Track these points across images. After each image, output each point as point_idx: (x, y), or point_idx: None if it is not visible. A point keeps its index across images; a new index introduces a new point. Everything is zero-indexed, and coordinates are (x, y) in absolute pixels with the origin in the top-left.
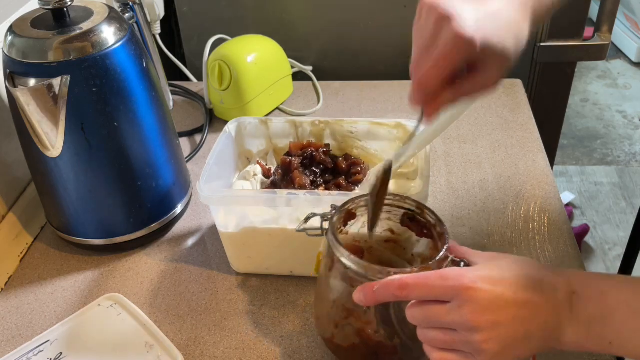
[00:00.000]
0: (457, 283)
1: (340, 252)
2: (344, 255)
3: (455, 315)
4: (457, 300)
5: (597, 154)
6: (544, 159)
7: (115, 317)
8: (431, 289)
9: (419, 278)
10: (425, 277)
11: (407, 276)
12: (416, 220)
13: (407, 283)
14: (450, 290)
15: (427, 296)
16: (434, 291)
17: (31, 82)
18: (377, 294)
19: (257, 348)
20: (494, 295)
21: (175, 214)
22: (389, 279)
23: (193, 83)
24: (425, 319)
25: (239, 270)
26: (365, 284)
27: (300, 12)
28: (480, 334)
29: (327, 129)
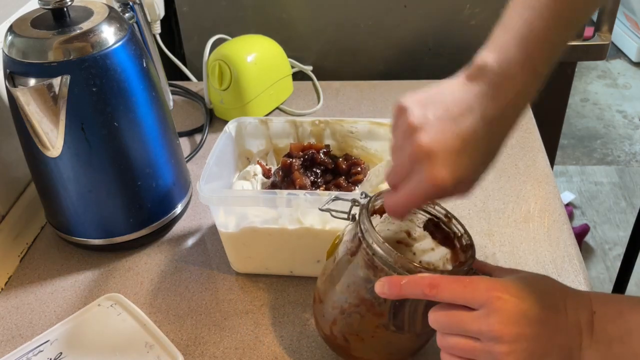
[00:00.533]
0: (489, 291)
1: (374, 238)
2: (378, 242)
3: (482, 324)
4: (486, 308)
5: (597, 154)
6: (544, 159)
7: (115, 317)
8: (461, 293)
9: (451, 280)
10: (457, 281)
11: (439, 276)
12: (440, 228)
13: (438, 283)
14: (481, 298)
15: (456, 299)
16: (464, 295)
17: (31, 82)
18: (403, 288)
19: (257, 348)
20: (522, 309)
21: (175, 214)
22: (420, 275)
23: (193, 83)
24: (450, 324)
25: (238, 270)
26: (392, 276)
27: (300, 12)
28: (504, 346)
29: (327, 128)
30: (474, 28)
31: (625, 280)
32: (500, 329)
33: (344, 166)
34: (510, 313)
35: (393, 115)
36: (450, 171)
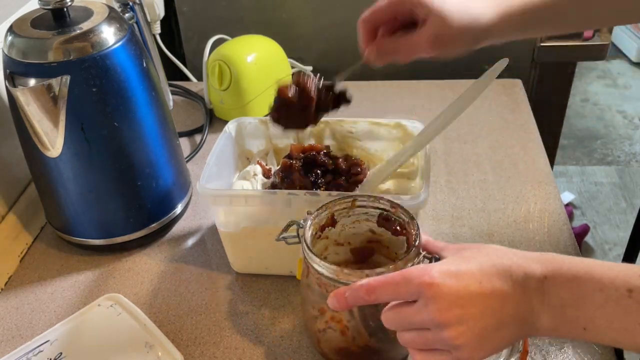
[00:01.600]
0: (420, 280)
1: (311, 258)
2: (315, 261)
3: (423, 314)
4: (423, 298)
5: (597, 154)
6: (544, 159)
7: (115, 317)
8: (396, 290)
9: (384, 280)
10: (390, 278)
11: (373, 279)
12: (391, 220)
13: (374, 286)
14: (415, 289)
15: (395, 297)
16: (400, 292)
17: (31, 82)
18: (348, 299)
19: (257, 348)
20: (458, 289)
21: (175, 214)
22: (357, 283)
23: (193, 83)
24: (398, 322)
25: (238, 270)
26: (337, 289)
27: (300, 12)
28: (450, 330)
29: (327, 128)
30: None
31: None
32: (441, 315)
33: (344, 166)
34: (447, 297)
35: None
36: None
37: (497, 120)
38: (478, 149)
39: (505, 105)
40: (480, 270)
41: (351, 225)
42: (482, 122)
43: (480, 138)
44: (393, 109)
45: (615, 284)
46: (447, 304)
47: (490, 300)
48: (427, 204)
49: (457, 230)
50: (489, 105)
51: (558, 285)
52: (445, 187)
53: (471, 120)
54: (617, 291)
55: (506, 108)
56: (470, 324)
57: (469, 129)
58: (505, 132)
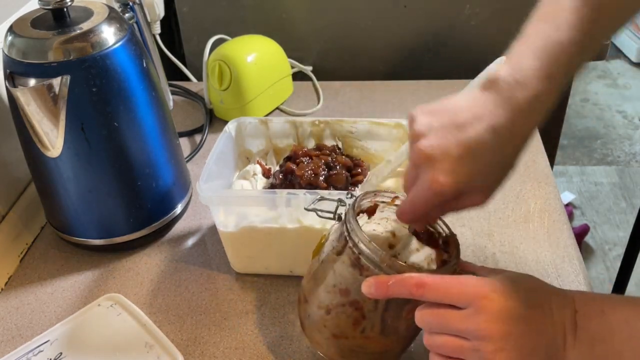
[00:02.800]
0: (476, 290)
1: (360, 237)
2: (364, 241)
3: (469, 322)
4: (473, 307)
5: (597, 154)
6: (544, 159)
7: (115, 317)
8: (449, 292)
9: (438, 279)
10: (444, 280)
11: (426, 275)
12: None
13: (426, 282)
14: (468, 297)
15: (443, 299)
16: (451, 295)
17: (31, 82)
18: (390, 288)
19: (257, 348)
20: (509, 307)
21: (175, 214)
22: (407, 275)
23: (193, 83)
24: (437, 323)
25: (238, 270)
26: (379, 275)
27: (300, 12)
28: (492, 344)
29: (327, 129)
30: (474, 28)
31: (625, 280)
32: (488, 327)
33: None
34: (497, 311)
35: (408, 126)
36: (450, 177)
37: None
38: None
39: None
40: (527, 295)
41: (377, 222)
42: None
43: None
44: (393, 109)
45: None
46: (496, 318)
47: (532, 325)
48: None
49: (457, 230)
50: None
51: (587, 320)
52: None
53: None
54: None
55: None
56: (511, 343)
57: None
58: None
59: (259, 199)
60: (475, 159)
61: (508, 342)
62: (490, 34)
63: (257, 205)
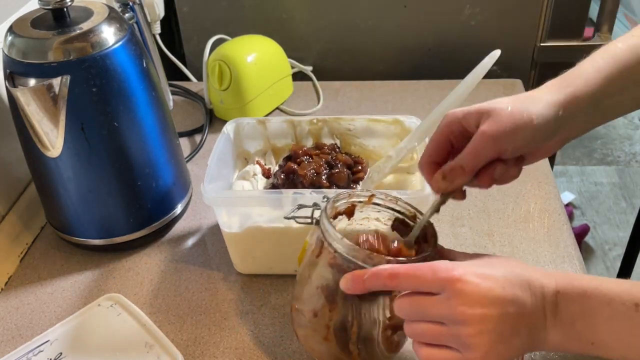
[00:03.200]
0: (448, 275)
1: (333, 236)
2: (336, 238)
3: (444, 307)
4: (447, 292)
5: (597, 154)
6: (544, 159)
7: (115, 317)
8: (421, 280)
9: (410, 268)
10: (416, 268)
11: (398, 266)
12: (406, 225)
13: (398, 273)
14: (441, 282)
15: (417, 287)
16: (424, 282)
17: (31, 82)
18: (366, 282)
19: (257, 348)
20: (483, 289)
21: (175, 214)
22: (380, 267)
23: (193, 83)
24: (414, 311)
25: (242, 271)
26: (354, 271)
27: (300, 12)
28: (469, 327)
29: (325, 127)
30: (474, 28)
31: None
32: (463, 311)
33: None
34: (472, 294)
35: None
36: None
37: None
38: None
39: None
40: (504, 277)
41: (359, 222)
42: None
43: None
44: (393, 109)
45: (623, 298)
46: (470, 301)
47: (511, 306)
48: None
49: (457, 230)
50: None
51: (569, 299)
52: None
53: None
54: (624, 305)
55: None
56: (488, 326)
57: None
58: None
59: (264, 199)
60: (530, 128)
61: (485, 324)
62: (490, 34)
63: (263, 206)
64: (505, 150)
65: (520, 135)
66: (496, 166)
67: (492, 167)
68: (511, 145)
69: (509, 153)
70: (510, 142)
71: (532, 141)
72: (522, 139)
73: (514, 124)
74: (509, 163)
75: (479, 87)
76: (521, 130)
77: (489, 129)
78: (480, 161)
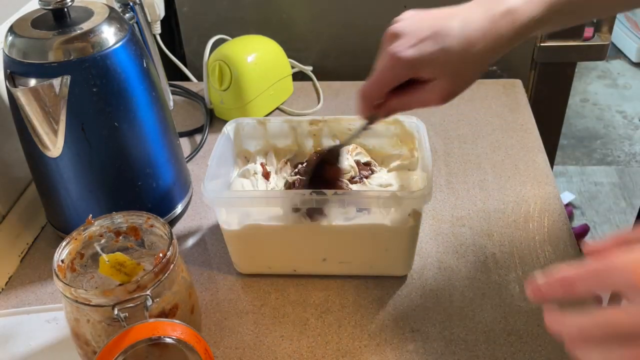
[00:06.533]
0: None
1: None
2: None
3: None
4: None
5: (597, 154)
6: (544, 159)
7: None
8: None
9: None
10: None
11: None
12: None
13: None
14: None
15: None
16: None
17: (31, 82)
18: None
19: (257, 348)
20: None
21: (175, 214)
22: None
23: (193, 83)
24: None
25: (242, 270)
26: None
27: (300, 12)
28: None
29: (325, 127)
30: None
31: None
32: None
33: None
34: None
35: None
36: (410, 50)
37: (497, 120)
38: (478, 149)
39: (505, 105)
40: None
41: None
42: (482, 122)
43: (480, 138)
44: None
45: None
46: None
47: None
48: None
49: (457, 230)
50: (488, 105)
51: None
52: (445, 187)
53: (471, 120)
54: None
55: (506, 108)
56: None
57: (469, 129)
58: (505, 132)
59: (264, 199)
60: (440, 43)
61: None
62: None
63: (263, 205)
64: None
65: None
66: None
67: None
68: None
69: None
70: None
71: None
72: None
73: (472, 76)
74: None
75: (479, 87)
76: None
77: (451, 89)
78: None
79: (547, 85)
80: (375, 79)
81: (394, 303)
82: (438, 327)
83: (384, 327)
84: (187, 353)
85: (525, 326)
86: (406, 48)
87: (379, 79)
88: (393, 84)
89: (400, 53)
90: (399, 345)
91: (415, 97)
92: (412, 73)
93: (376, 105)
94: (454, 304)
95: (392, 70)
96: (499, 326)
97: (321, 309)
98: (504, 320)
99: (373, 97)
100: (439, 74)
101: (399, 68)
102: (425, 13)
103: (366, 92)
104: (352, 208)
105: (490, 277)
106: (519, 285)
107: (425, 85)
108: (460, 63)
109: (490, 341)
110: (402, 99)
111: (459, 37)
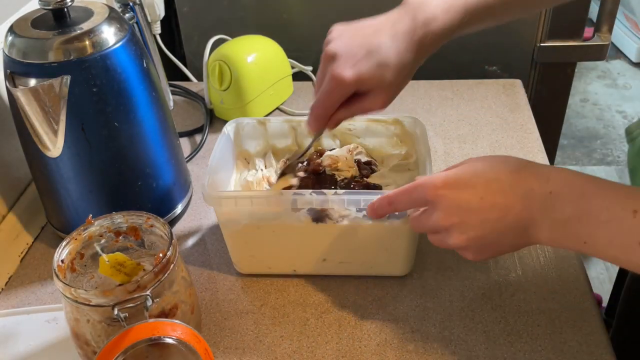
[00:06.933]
0: (429, 190)
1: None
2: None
3: (430, 220)
4: (430, 206)
5: (597, 154)
6: (544, 159)
7: None
8: (410, 200)
9: (399, 191)
10: (404, 190)
11: (391, 192)
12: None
13: (391, 198)
14: (424, 198)
15: (411, 206)
16: (415, 200)
17: (31, 82)
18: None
19: (257, 348)
20: (460, 201)
21: (175, 214)
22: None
23: (193, 83)
24: (418, 227)
25: (242, 270)
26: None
27: (300, 12)
28: (452, 236)
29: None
30: None
31: (625, 280)
32: (444, 221)
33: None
34: (450, 205)
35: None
36: (350, 70)
37: (497, 120)
38: (478, 149)
39: (505, 105)
40: (484, 184)
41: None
42: (482, 122)
43: (480, 138)
44: (393, 109)
45: (622, 204)
46: (447, 213)
47: (490, 213)
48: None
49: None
50: (488, 105)
51: (563, 200)
52: None
53: (471, 120)
54: (623, 210)
55: (506, 108)
56: (469, 233)
57: (469, 129)
58: (505, 132)
59: (264, 199)
60: (375, 58)
61: (466, 232)
62: (490, 34)
63: (263, 205)
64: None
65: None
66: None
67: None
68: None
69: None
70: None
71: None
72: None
73: (406, 79)
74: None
75: (479, 87)
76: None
77: (390, 97)
78: (338, 101)
79: (547, 85)
80: (323, 99)
81: (394, 303)
82: (438, 327)
83: (384, 327)
84: (187, 353)
85: (525, 326)
86: (346, 69)
87: (327, 99)
88: (340, 102)
89: (342, 74)
90: (399, 345)
91: (359, 107)
92: (354, 89)
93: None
94: (454, 304)
95: (337, 91)
96: (498, 326)
97: (321, 309)
98: (503, 320)
99: (325, 116)
100: (377, 86)
101: (344, 88)
102: (354, 30)
103: (319, 113)
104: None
105: (490, 277)
106: (519, 285)
107: (366, 96)
108: (394, 74)
109: (490, 341)
110: (348, 109)
111: (391, 52)
